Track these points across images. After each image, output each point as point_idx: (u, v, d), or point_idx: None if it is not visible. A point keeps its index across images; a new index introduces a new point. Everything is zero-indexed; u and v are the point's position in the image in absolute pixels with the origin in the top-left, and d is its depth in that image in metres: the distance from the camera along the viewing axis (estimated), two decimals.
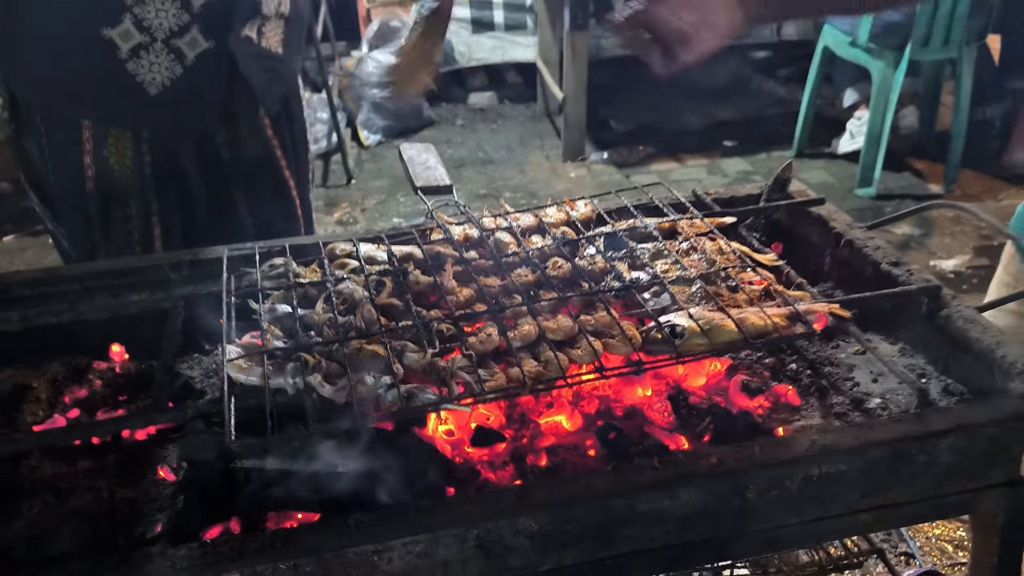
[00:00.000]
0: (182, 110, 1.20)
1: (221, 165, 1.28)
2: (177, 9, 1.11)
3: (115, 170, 1.22)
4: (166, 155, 1.23)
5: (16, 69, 1.22)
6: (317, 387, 0.74)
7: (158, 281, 1.03)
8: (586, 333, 0.80)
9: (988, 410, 0.76)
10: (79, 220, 1.26)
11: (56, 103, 1.21)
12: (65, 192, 1.26)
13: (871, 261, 0.99)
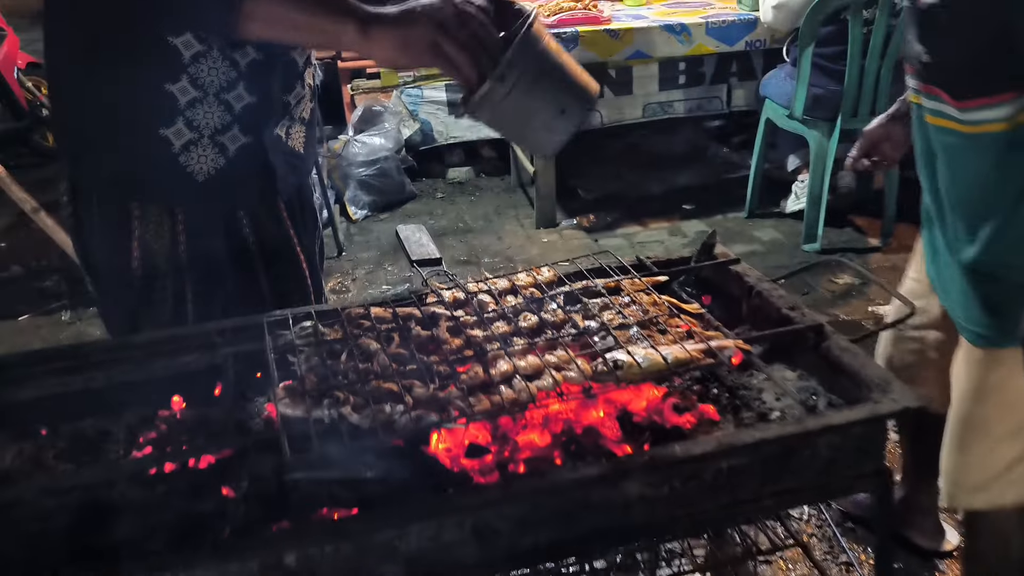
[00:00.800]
0: (224, 193, 1.40)
1: (245, 243, 1.51)
2: (222, 112, 1.34)
3: (156, 250, 1.44)
4: (200, 236, 1.43)
5: (80, 160, 1.42)
6: (348, 416, 0.99)
7: (206, 344, 1.27)
8: (549, 368, 1.05)
9: (852, 414, 1.02)
10: (125, 294, 1.46)
11: (113, 189, 1.40)
12: (113, 269, 1.44)
13: (775, 307, 1.25)
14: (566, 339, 1.12)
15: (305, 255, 1.61)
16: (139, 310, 1.46)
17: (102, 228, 1.43)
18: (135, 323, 1.46)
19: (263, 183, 1.47)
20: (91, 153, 1.40)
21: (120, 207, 1.40)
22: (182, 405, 1.22)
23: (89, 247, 1.48)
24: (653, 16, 3.62)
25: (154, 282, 1.44)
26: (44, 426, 1.17)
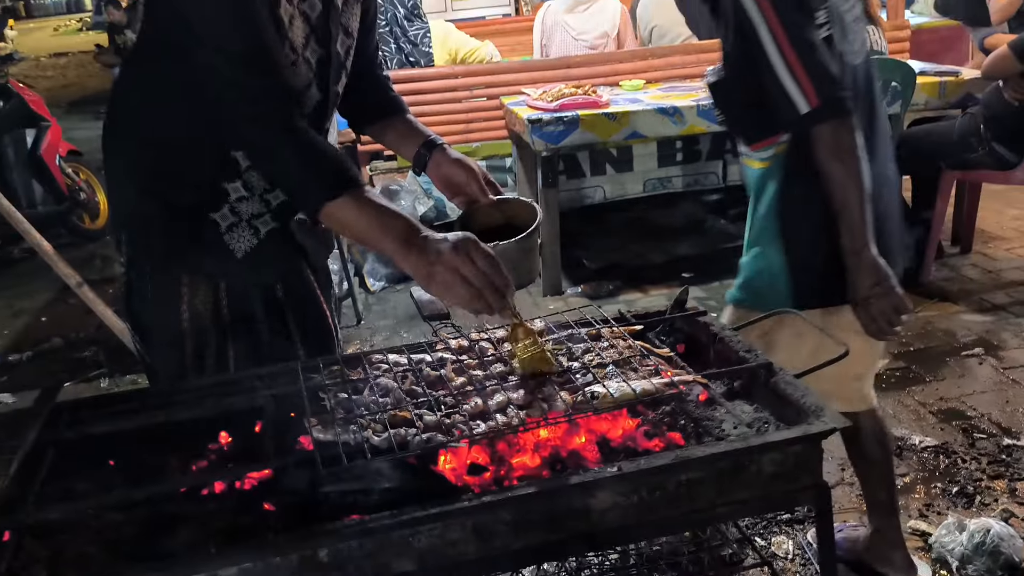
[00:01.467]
0: (258, 268, 1.64)
1: (279, 305, 1.74)
2: (259, 204, 1.59)
3: (202, 313, 1.66)
4: (239, 301, 1.66)
5: (138, 237, 1.64)
6: (369, 438, 1.20)
7: (248, 388, 1.49)
8: (538, 400, 1.26)
9: (789, 433, 1.22)
10: (175, 354, 1.67)
11: (167, 262, 1.62)
12: (164, 329, 1.64)
13: (734, 350, 1.46)
14: (553, 376, 1.33)
15: (329, 311, 1.85)
16: (187, 364, 1.69)
17: (156, 295, 1.65)
18: (183, 376, 1.69)
19: (292, 258, 1.72)
20: (149, 232, 1.62)
21: (172, 277, 1.62)
22: (228, 439, 1.43)
23: (140, 311, 1.69)
24: (648, 100, 3.92)
25: (201, 340, 1.65)
26: (113, 457, 1.38)
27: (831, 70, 1.62)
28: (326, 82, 1.60)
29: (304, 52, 1.52)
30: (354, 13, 1.62)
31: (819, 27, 1.64)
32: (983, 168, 3.63)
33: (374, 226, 1.35)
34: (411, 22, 4.43)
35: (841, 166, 1.64)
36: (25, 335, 4.09)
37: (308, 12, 1.50)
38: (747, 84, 1.72)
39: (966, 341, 3.24)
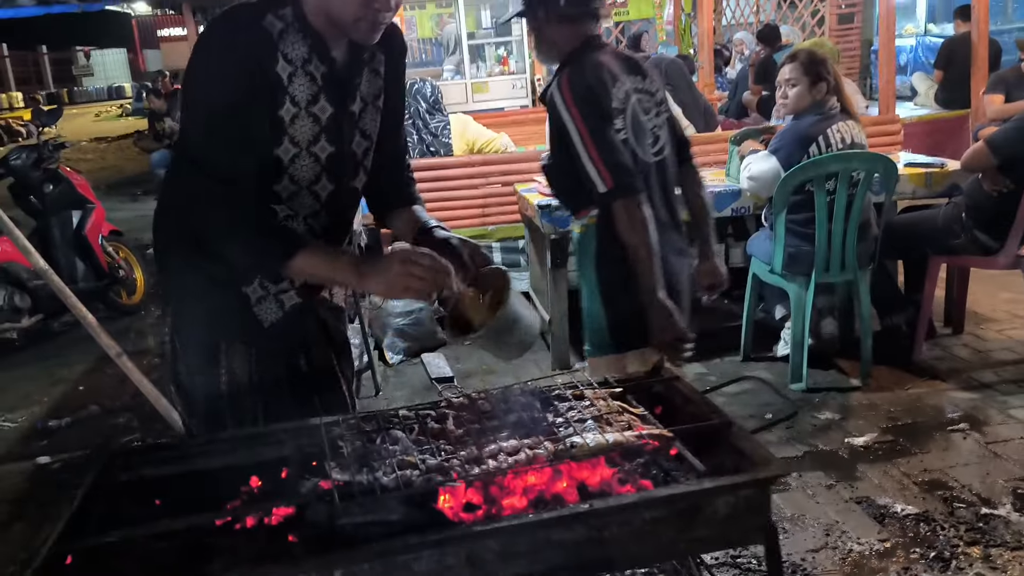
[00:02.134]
0: (283, 338, 1.85)
1: (301, 371, 1.95)
2: (285, 281, 1.80)
3: (238, 376, 1.87)
4: (267, 367, 1.86)
5: (181, 308, 1.89)
6: (380, 479, 1.41)
7: (276, 441, 1.71)
8: (525, 448, 1.47)
9: (737, 478, 1.42)
10: (214, 412, 1.86)
11: (206, 330, 1.84)
12: (205, 388, 1.85)
13: (703, 410, 1.67)
14: (540, 429, 1.54)
15: (344, 378, 2.06)
16: (225, 421, 1.90)
17: (197, 359, 1.88)
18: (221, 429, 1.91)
19: (313, 330, 1.94)
20: (191, 302, 1.87)
21: (211, 344, 1.85)
22: (258, 483, 1.65)
23: (184, 374, 1.92)
24: None
25: (237, 400, 1.87)
26: (160, 496, 1.60)
27: (623, 161, 2.17)
28: (339, 175, 1.82)
29: (312, 148, 1.73)
30: (374, 119, 1.86)
31: (616, 130, 2.21)
32: (967, 254, 3.84)
33: (330, 267, 1.66)
34: (432, 115, 4.78)
35: (633, 233, 2.15)
36: (64, 402, 4.33)
37: (318, 114, 1.71)
38: (566, 168, 2.27)
39: (952, 417, 3.39)
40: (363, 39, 1.68)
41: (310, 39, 1.65)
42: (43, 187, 5.39)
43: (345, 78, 1.74)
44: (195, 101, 1.68)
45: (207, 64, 1.64)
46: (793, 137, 3.57)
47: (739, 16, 11.14)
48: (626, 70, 2.32)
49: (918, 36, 13.97)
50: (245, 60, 1.59)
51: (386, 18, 1.65)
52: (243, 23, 1.61)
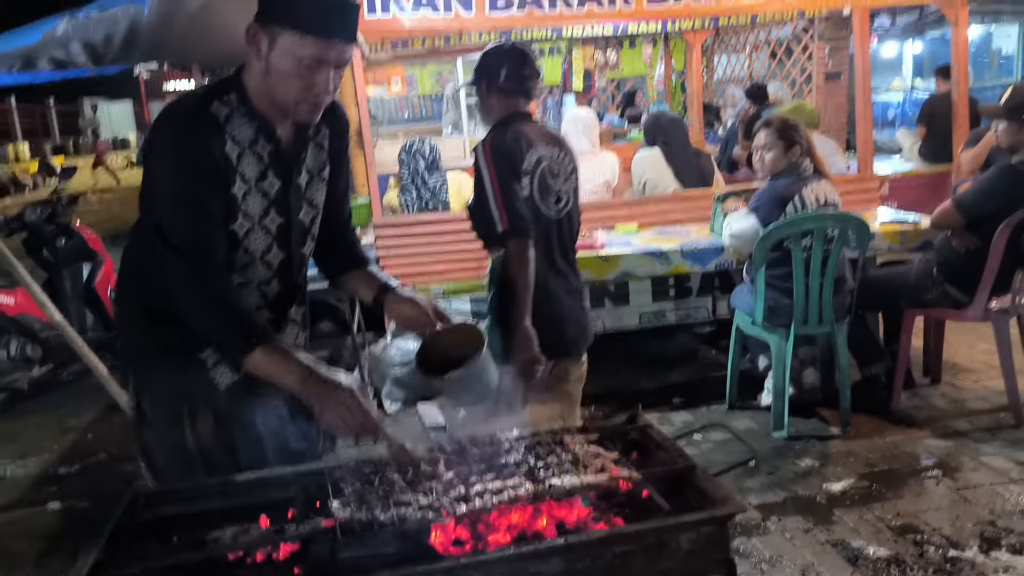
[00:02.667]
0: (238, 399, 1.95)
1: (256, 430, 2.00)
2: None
3: (203, 435, 1.97)
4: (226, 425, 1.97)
5: (143, 376, 2.01)
6: (377, 516, 1.57)
7: (283, 483, 1.87)
8: (508, 488, 1.64)
9: (698, 515, 1.58)
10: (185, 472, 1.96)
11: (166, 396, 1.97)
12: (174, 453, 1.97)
13: (673, 456, 1.84)
14: (522, 471, 1.71)
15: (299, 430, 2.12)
16: (195, 477, 1.97)
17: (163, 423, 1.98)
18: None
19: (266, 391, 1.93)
20: (153, 372, 1.98)
21: (174, 408, 1.96)
22: (267, 522, 1.81)
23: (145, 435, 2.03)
24: (637, 243, 4.40)
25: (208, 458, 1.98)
26: (177, 533, 1.75)
27: (519, 209, 2.66)
28: (288, 244, 1.97)
29: (263, 220, 1.89)
30: (319, 189, 2.01)
31: (521, 186, 2.70)
32: (940, 307, 4.02)
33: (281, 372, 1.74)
34: (431, 173, 5.01)
35: (517, 269, 2.63)
36: (73, 450, 4.48)
37: (267, 189, 1.87)
38: (482, 210, 2.72)
39: (927, 463, 3.55)
40: (304, 119, 1.85)
41: (256, 121, 1.82)
42: (56, 241, 5.60)
43: (291, 154, 1.90)
44: (154, 182, 1.82)
45: (162, 148, 1.79)
46: (771, 197, 3.79)
47: (730, 73, 11.48)
48: (543, 141, 2.83)
49: (905, 92, 14.40)
50: (195, 144, 1.74)
51: (325, 99, 1.81)
52: (191, 110, 1.78)
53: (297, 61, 1.72)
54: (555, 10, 4.79)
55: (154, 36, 4.90)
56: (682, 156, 5.11)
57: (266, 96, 1.80)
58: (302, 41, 1.70)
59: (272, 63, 1.74)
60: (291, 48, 1.71)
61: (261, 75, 1.77)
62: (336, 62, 1.75)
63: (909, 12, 13.36)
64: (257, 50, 1.75)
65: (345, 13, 1.75)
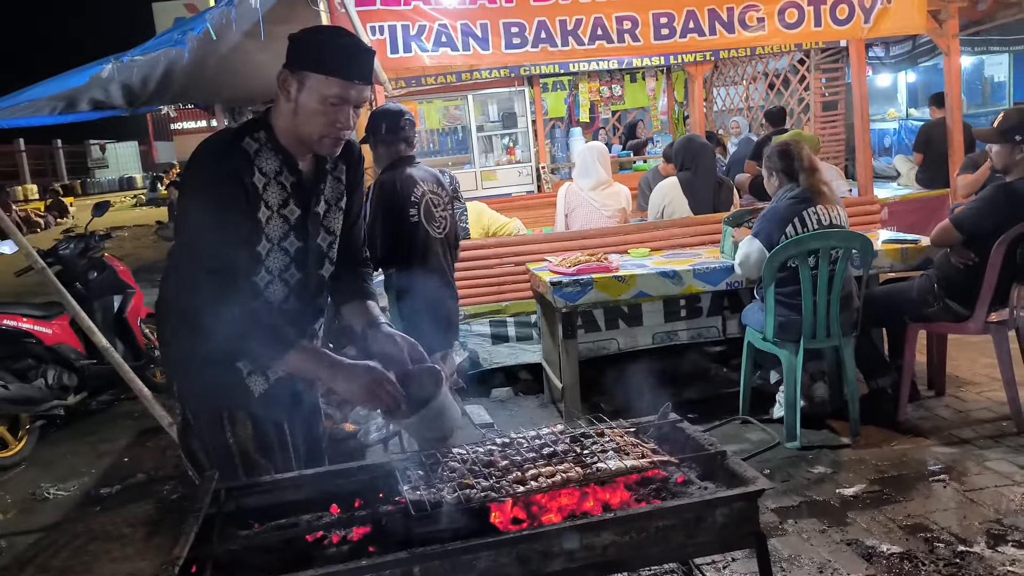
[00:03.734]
0: (270, 405, 2.18)
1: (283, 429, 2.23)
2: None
3: (242, 437, 2.17)
4: (261, 428, 2.19)
5: (186, 386, 2.21)
6: (444, 496, 1.76)
7: (349, 475, 2.06)
8: (559, 472, 1.83)
9: (733, 492, 1.77)
10: (229, 471, 2.14)
11: (208, 403, 2.17)
12: (217, 455, 2.17)
13: (703, 444, 2.03)
14: (569, 458, 1.90)
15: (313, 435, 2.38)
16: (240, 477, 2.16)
17: (207, 428, 2.19)
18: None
19: (294, 399, 2.27)
20: (195, 382, 2.18)
21: (216, 414, 2.17)
22: (337, 509, 2.00)
23: (191, 440, 2.23)
24: (652, 265, 4.61)
25: (247, 459, 2.18)
26: (259, 520, 1.94)
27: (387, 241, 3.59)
28: (304, 265, 2.17)
29: (283, 243, 2.10)
30: (336, 217, 2.23)
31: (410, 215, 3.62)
32: (941, 321, 4.22)
33: (314, 367, 2.02)
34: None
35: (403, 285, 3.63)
36: (111, 472, 4.64)
37: (288, 215, 2.09)
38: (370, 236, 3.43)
39: (933, 469, 3.72)
40: (326, 153, 2.09)
41: (280, 155, 2.06)
42: (88, 274, 5.82)
43: (310, 185, 2.14)
44: (190, 206, 2.03)
45: (199, 176, 2.02)
46: (772, 218, 4.02)
47: (729, 103, 11.79)
48: (426, 179, 3.73)
49: (900, 120, 14.71)
50: (229, 174, 1.99)
51: (346, 134, 2.05)
52: (226, 145, 2.02)
53: (323, 100, 1.98)
54: (567, 47, 5.04)
55: (186, 79, 5.17)
56: (707, 182, 5.32)
57: (292, 133, 2.05)
58: (327, 82, 1.96)
59: (301, 103, 2.00)
60: (318, 88, 1.97)
61: (289, 114, 2.03)
62: (355, 102, 2.01)
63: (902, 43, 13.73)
64: (287, 92, 2.01)
65: (363, 59, 2.02)
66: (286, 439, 2.23)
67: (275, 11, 4.33)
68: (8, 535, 3.93)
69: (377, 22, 4.80)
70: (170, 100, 5.90)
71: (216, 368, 2.11)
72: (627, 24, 5.10)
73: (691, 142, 5.52)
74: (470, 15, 4.91)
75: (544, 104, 10.83)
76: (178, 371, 2.23)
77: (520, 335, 5.30)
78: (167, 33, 4.20)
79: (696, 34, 5.16)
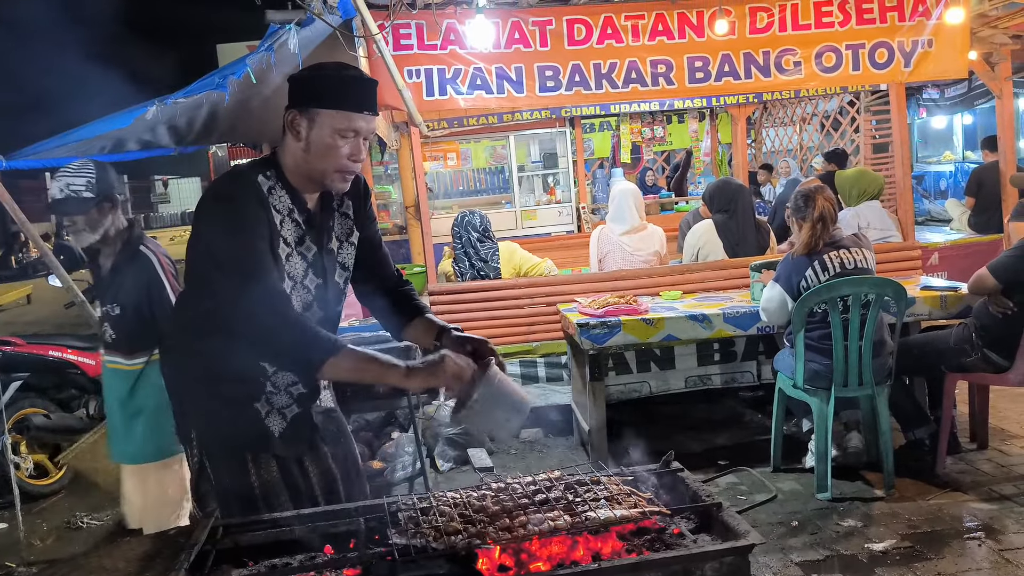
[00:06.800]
0: (293, 441, 2.19)
1: (306, 471, 2.23)
2: (288, 397, 2.15)
3: (265, 479, 2.17)
4: (285, 466, 2.19)
5: (203, 434, 2.20)
6: (430, 542, 1.76)
7: (346, 516, 2.07)
8: (548, 520, 1.81)
9: (723, 546, 1.73)
10: (248, 509, 2.14)
11: (230, 446, 2.17)
12: (237, 495, 2.17)
13: (700, 494, 1.99)
14: (560, 506, 1.88)
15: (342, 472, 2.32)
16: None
17: (229, 473, 2.18)
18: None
19: (311, 436, 2.24)
20: (213, 426, 2.18)
21: (239, 457, 2.17)
22: (331, 551, 2.00)
23: (203, 484, 2.23)
24: (682, 308, 4.57)
25: (271, 500, 2.18)
26: (253, 558, 1.96)
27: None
28: (326, 304, 2.19)
29: (304, 281, 2.13)
30: (349, 253, 2.26)
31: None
32: (980, 371, 4.08)
33: (376, 368, 1.94)
34: (483, 243, 5.28)
35: None
36: None
37: (305, 253, 2.12)
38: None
39: (969, 525, 3.58)
40: (337, 189, 2.11)
41: (290, 193, 2.09)
42: None
43: (320, 223, 2.16)
44: (213, 237, 2.01)
45: (221, 207, 2.02)
46: (790, 264, 3.97)
47: (778, 144, 11.70)
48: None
49: (956, 162, 14.40)
50: (251, 204, 2.01)
51: (355, 168, 2.08)
52: (245, 179, 2.05)
53: (335, 133, 2.01)
54: (601, 90, 5.08)
55: (231, 119, 5.33)
56: (745, 224, 5.28)
57: (302, 171, 2.08)
58: (338, 116, 2.00)
59: (312, 139, 2.03)
60: (329, 123, 2.01)
61: (300, 153, 2.05)
62: (365, 132, 2.05)
63: (958, 85, 13.51)
64: (296, 132, 2.04)
65: (369, 90, 2.05)
66: (310, 477, 2.24)
67: (314, 56, 4.47)
68: (37, 564, 4.02)
69: (414, 66, 4.92)
70: (217, 140, 6.08)
71: (234, 409, 2.14)
72: (662, 68, 5.14)
73: (727, 184, 5.49)
74: (505, 59, 5.00)
75: (590, 144, 10.89)
76: (193, 418, 2.23)
77: (550, 376, 5.28)
78: (208, 77, 4.35)
79: (731, 77, 5.17)
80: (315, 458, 2.27)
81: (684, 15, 5.09)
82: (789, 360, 4.14)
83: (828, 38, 5.17)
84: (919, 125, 15.81)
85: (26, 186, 18.57)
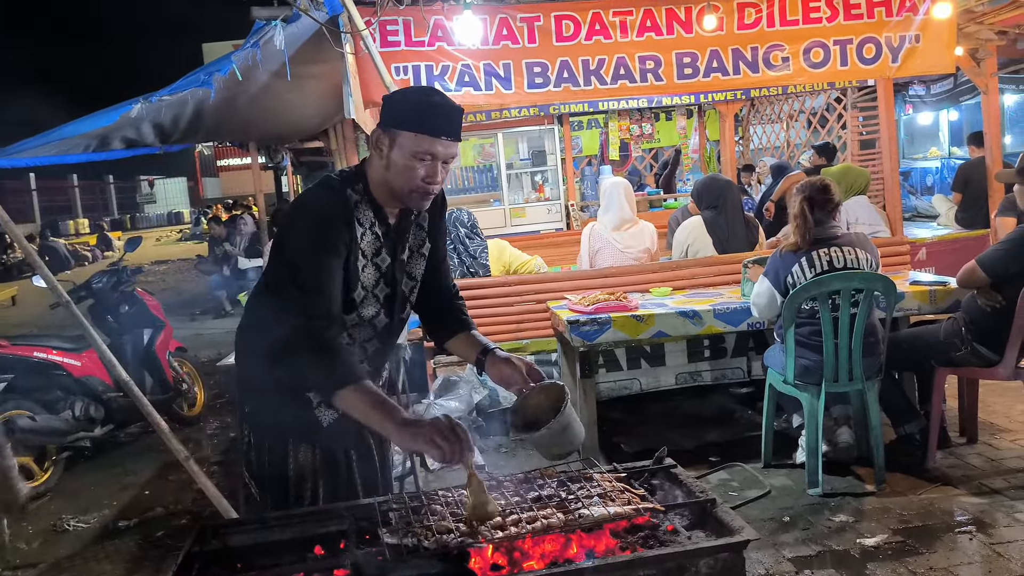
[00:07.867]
0: (337, 435, 2.21)
1: (349, 461, 2.27)
2: None
3: (303, 464, 2.22)
4: (327, 456, 2.23)
5: (255, 420, 2.26)
6: (422, 541, 1.74)
7: (338, 516, 2.04)
8: (541, 518, 1.79)
9: (717, 542, 1.71)
10: (282, 493, 2.22)
11: (279, 434, 2.22)
12: (276, 478, 2.22)
13: (694, 491, 1.97)
14: (553, 504, 1.86)
15: (383, 462, 2.40)
16: (290, 500, 2.25)
17: (271, 455, 2.24)
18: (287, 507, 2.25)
19: (360, 428, 2.21)
20: (265, 407, 2.24)
21: (282, 443, 2.23)
22: (321, 551, 1.98)
23: (255, 466, 2.29)
24: (672, 304, 4.56)
25: (302, 485, 2.24)
26: (242, 560, 1.93)
27: None
28: (392, 311, 2.25)
29: (374, 290, 2.19)
30: (419, 264, 2.31)
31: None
32: (970, 365, 4.09)
33: (376, 413, 1.91)
34: (471, 239, 5.26)
35: None
36: (132, 505, 4.69)
37: (380, 264, 2.17)
38: None
39: (960, 519, 3.58)
40: (416, 207, 2.16)
41: (373, 207, 2.14)
42: (119, 307, 5.94)
43: (397, 235, 2.21)
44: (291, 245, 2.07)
45: (308, 219, 2.07)
46: (779, 259, 3.97)
47: (766, 141, 11.73)
48: None
49: (942, 159, 14.48)
50: (335, 221, 2.06)
51: (434, 190, 2.10)
52: (336, 192, 2.10)
53: (412, 156, 2.03)
54: (589, 86, 5.06)
55: (217, 117, 5.30)
56: (733, 220, 5.27)
57: (384, 187, 2.12)
58: (417, 139, 2.02)
59: (392, 159, 2.06)
60: (408, 145, 2.03)
61: (381, 170, 2.10)
62: (443, 157, 2.07)
63: (944, 81, 13.57)
64: (379, 150, 2.09)
65: (451, 116, 2.06)
66: (353, 470, 2.28)
67: (301, 53, 4.43)
68: (22, 567, 3.97)
69: (401, 63, 4.88)
70: (203, 138, 6.06)
71: (286, 395, 2.17)
72: (650, 64, 5.12)
73: (714, 181, 5.49)
74: (493, 55, 4.97)
75: (579, 142, 10.88)
76: (250, 394, 2.30)
77: None
78: (194, 74, 4.31)
79: (720, 73, 5.16)
80: (362, 452, 2.31)
81: (672, 11, 5.08)
82: (779, 356, 4.14)
83: (816, 34, 5.16)
84: (905, 121, 15.89)
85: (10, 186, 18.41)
